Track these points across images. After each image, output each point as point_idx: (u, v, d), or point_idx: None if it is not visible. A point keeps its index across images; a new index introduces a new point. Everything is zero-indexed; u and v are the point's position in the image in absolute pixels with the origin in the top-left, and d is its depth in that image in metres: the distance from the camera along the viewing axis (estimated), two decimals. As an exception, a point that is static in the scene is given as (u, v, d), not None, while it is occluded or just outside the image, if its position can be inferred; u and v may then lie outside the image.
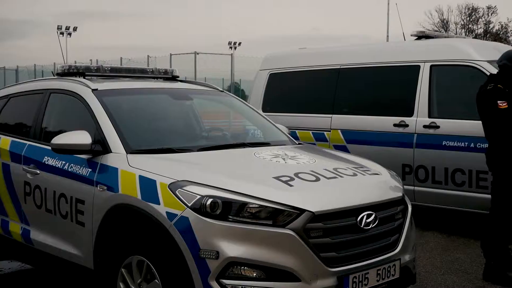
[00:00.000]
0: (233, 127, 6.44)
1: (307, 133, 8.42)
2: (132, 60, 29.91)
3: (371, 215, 3.89)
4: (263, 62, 9.61)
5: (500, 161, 5.44)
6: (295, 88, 8.99)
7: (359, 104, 8.19)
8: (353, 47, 9.06)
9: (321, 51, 9.21)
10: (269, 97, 9.18)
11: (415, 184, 7.43)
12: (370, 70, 8.14)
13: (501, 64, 5.55)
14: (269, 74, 9.27)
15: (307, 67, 8.86)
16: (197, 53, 26.89)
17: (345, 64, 8.40)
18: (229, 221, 3.56)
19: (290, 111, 8.76)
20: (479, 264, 5.85)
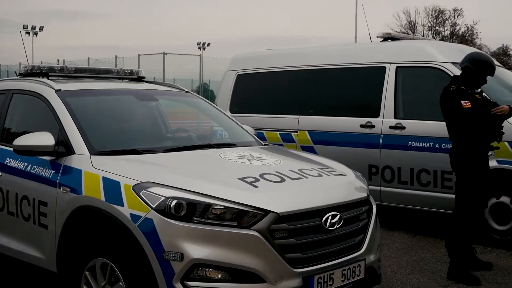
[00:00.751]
0: (199, 128, 6.41)
1: (275, 134, 8.43)
2: (99, 60, 29.59)
3: (336, 216, 3.91)
4: (230, 63, 9.59)
5: (463, 161, 5.52)
6: (263, 89, 9.00)
7: (326, 105, 8.22)
8: (320, 48, 9.10)
9: (288, 52, 9.22)
10: (237, 98, 9.17)
11: (382, 185, 7.49)
12: (336, 71, 8.19)
13: (463, 66, 5.63)
14: (236, 75, 9.26)
15: (275, 68, 8.87)
16: (165, 53, 26.75)
17: (312, 65, 8.43)
18: (194, 222, 3.54)
19: (258, 112, 8.77)
20: (444, 263, 5.91)
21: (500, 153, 6.31)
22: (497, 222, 6.66)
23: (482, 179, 5.58)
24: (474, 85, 5.59)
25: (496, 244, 6.63)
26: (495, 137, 5.62)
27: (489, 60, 5.66)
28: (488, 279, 5.56)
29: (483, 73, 5.55)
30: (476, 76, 5.55)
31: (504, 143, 6.23)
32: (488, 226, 6.69)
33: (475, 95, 5.54)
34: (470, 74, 5.56)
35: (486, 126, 5.51)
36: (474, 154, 5.53)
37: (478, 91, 5.67)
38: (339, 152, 7.65)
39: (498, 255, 6.35)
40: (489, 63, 5.59)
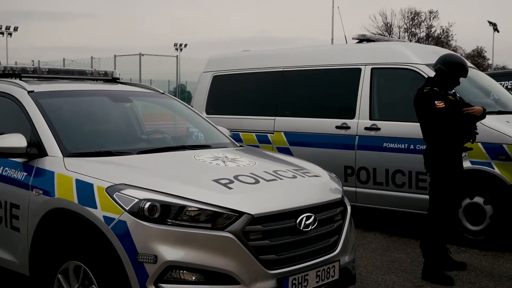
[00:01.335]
0: (175, 130, 6.38)
1: (251, 135, 8.43)
2: (75, 61, 29.36)
3: (311, 217, 3.92)
4: (206, 64, 9.58)
5: (437, 162, 5.57)
6: (239, 90, 9.00)
7: (302, 106, 8.24)
8: (296, 50, 9.13)
9: (264, 53, 9.23)
10: (213, 99, 9.15)
11: (357, 186, 7.53)
12: (312, 73, 8.22)
13: (437, 68, 5.68)
14: (212, 76, 9.24)
15: (251, 69, 8.87)
16: (142, 54, 26.62)
17: (288, 66, 8.45)
18: (168, 224, 3.53)
19: (234, 113, 8.76)
20: (419, 263, 5.96)
21: (473, 154, 6.38)
22: (471, 222, 6.73)
23: (455, 180, 5.63)
24: (447, 87, 5.64)
25: (469, 244, 6.70)
26: (469, 138, 5.67)
27: (462, 62, 5.72)
28: (461, 279, 5.61)
29: (455, 75, 5.61)
30: (449, 78, 5.60)
31: (477, 144, 6.30)
32: (462, 226, 6.76)
33: (449, 96, 5.60)
34: (443, 76, 5.62)
35: (459, 126, 5.56)
36: (447, 155, 5.58)
37: (452, 92, 5.72)
38: (315, 153, 7.68)
39: (472, 255, 6.42)
40: (461, 65, 5.64)
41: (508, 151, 6.39)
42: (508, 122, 6.74)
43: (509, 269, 5.92)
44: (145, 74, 27.83)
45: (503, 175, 6.42)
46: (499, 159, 6.46)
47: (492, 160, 6.51)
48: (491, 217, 6.56)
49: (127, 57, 28.12)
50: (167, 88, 33.01)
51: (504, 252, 6.48)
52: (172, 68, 30.45)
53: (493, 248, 6.57)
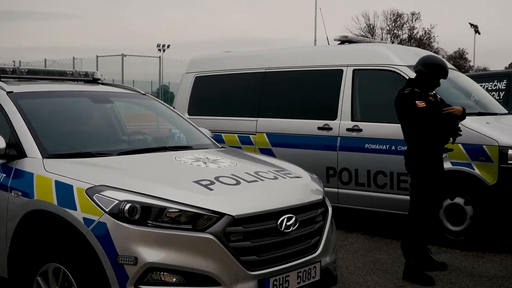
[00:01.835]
0: (157, 131, 6.37)
1: (233, 137, 8.42)
2: (57, 61, 29.14)
3: (292, 218, 3.92)
4: (188, 65, 9.56)
5: (418, 163, 5.60)
6: (221, 92, 8.99)
7: (284, 107, 8.25)
8: (278, 51, 9.14)
9: (246, 55, 9.23)
10: (195, 100, 9.13)
11: (339, 187, 7.55)
12: (294, 74, 8.23)
13: (417, 70, 5.72)
14: (194, 77, 9.22)
15: (233, 70, 8.87)
16: (124, 55, 26.49)
17: (270, 67, 8.46)
18: (148, 226, 3.52)
19: (216, 115, 8.75)
20: (400, 264, 5.98)
21: (454, 155, 6.43)
22: (452, 222, 6.77)
23: (436, 180, 5.67)
24: (428, 88, 5.68)
25: (450, 245, 6.74)
26: (449, 138, 5.71)
27: (442, 63, 5.76)
28: (442, 279, 5.65)
29: (436, 76, 5.65)
30: (429, 79, 5.64)
31: (458, 145, 6.35)
32: (443, 226, 6.80)
33: (429, 97, 5.63)
34: (423, 77, 5.65)
35: (440, 126, 5.60)
36: (428, 156, 5.61)
37: (432, 93, 5.76)
38: (297, 154, 7.69)
39: (453, 255, 6.46)
40: (441, 67, 5.68)
41: (488, 152, 6.44)
42: (488, 124, 6.80)
43: (489, 269, 5.97)
44: (127, 75, 27.71)
45: (483, 176, 6.47)
46: (479, 160, 6.51)
47: (472, 161, 6.56)
48: (471, 217, 6.60)
49: (110, 58, 27.96)
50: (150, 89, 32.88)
51: (484, 252, 6.54)
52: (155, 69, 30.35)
53: (474, 248, 6.62)
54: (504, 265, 6.10)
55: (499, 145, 6.40)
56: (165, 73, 30.87)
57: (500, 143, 6.41)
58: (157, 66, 30.07)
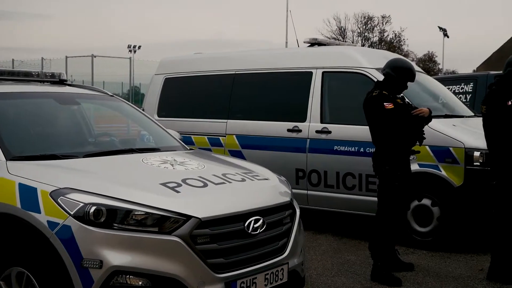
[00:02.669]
0: (125, 133, 6.32)
1: (203, 138, 8.40)
2: (25, 62, 28.71)
3: (259, 220, 3.92)
4: (158, 66, 9.52)
5: (385, 165, 5.64)
6: (191, 93, 8.97)
7: (253, 109, 8.26)
8: (248, 53, 9.15)
9: (216, 56, 9.23)
10: (165, 102, 9.09)
11: (308, 188, 7.57)
12: (264, 76, 8.24)
13: (385, 73, 5.78)
14: (164, 79, 9.18)
15: (203, 72, 8.85)
16: (94, 56, 26.20)
17: (240, 69, 8.46)
18: (114, 229, 3.49)
19: (186, 116, 8.73)
20: (368, 265, 6.02)
21: (421, 157, 6.49)
22: (419, 224, 6.84)
23: (403, 182, 5.72)
24: (395, 91, 5.73)
25: (418, 245, 6.81)
26: (416, 140, 5.78)
27: (409, 66, 5.82)
28: (409, 279, 5.70)
29: (403, 79, 5.71)
30: (397, 82, 5.70)
31: (425, 147, 6.43)
32: (411, 228, 6.87)
33: (397, 100, 5.68)
34: (391, 80, 5.71)
35: (407, 128, 5.66)
36: (395, 158, 5.67)
37: (400, 96, 5.82)
38: (267, 156, 7.70)
39: (420, 256, 6.53)
40: (409, 70, 5.75)
41: (455, 154, 6.53)
42: (454, 126, 6.89)
43: (455, 269, 6.04)
44: (98, 76, 27.40)
45: (449, 177, 6.55)
46: (446, 162, 6.60)
47: (439, 163, 6.64)
48: (438, 218, 6.68)
49: (79, 59, 27.60)
50: (121, 90, 32.61)
51: (450, 252, 6.62)
52: (126, 70, 30.05)
53: (440, 249, 6.70)
54: (470, 265, 6.18)
55: (465, 147, 6.49)
56: (136, 74, 30.62)
57: (466, 145, 6.50)
58: (128, 67, 29.82)
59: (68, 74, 26.70)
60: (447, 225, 6.64)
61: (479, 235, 7.03)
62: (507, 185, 5.55)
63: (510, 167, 5.52)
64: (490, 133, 5.67)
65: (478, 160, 6.40)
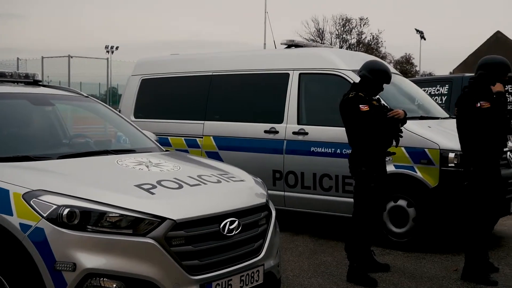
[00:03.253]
0: (104, 134, 6.27)
1: (180, 140, 8.37)
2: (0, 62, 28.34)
3: (234, 222, 3.91)
4: (135, 67, 9.46)
5: (361, 166, 5.67)
6: (168, 94, 8.93)
7: (230, 110, 8.25)
8: (225, 54, 9.13)
9: (194, 57, 9.19)
10: (141, 103, 9.05)
11: (285, 190, 7.58)
12: (241, 77, 8.24)
13: (361, 75, 5.81)
14: (141, 80, 9.13)
15: (180, 73, 8.82)
16: (71, 56, 25.97)
17: (217, 70, 8.44)
18: (88, 231, 3.46)
19: (163, 118, 8.69)
20: (344, 266, 6.04)
21: (397, 158, 6.54)
22: (395, 224, 6.88)
23: (379, 183, 5.75)
24: (371, 92, 5.77)
25: (393, 246, 6.86)
26: (392, 142, 5.81)
27: (385, 68, 5.86)
28: (385, 280, 5.73)
29: (379, 81, 5.74)
30: (373, 84, 5.73)
31: (401, 148, 6.46)
32: (387, 228, 6.91)
33: (373, 102, 5.72)
34: (367, 82, 5.74)
35: (383, 130, 5.69)
36: (371, 159, 5.69)
37: (376, 98, 5.85)
38: (244, 157, 7.70)
39: (396, 257, 6.57)
40: (384, 72, 5.78)
41: (430, 155, 6.58)
42: (430, 127, 6.95)
43: (430, 270, 6.09)
44: (74, 77, 27.15)
45: (425, 178, 6.61)
46: (421, 163, 6.65)
47: (414, 164, 6.69)
48: (414, 219, 6.73)
49: (56, 59, 27.31)
50: (98, 91, 32.38)
51: (426, 253, 6.67)
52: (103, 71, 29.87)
53: (416, 249, 6.74)
54: (445, 266, 6.24)
55: (440, 149, 6.55)
56: (114, 75, 30.42)
57: (441, 147, 6.56)
58: (105, 68, 29.63)
59: (45, 74, 26.48)
60: (422, 226, 6.69)
61: (454, 236, 7.10)
62: (478, 186, 5.62)
63: (481, 168, 5.60)
64: (462, 134, 5.75)
65: (453, 161, 6.46)
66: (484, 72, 5.67)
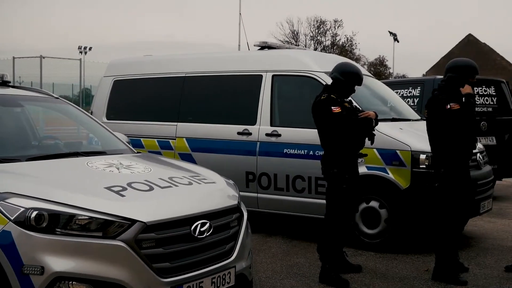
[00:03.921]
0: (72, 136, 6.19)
1: (153, 141, 8.33)
2: (-31, 63, 27.89)
3: (206, 224, 3.91)
4: (107, 68, 9.38)
5: (333, 167, 5.69)
6: (140, 96, 8.86)
7: (204, 112, 8.22)
8: (198, 55, 9.09)
9: (166, 59, 9.14)
10: (114, 105, 8.97)
11: (259, 191, 7.58)
12: (214, 79, 8.22)
13: (333, 77, 5.83)
14: (113, 81, 9.06)
15: (153, 75, 8.77)
16: (43, 57, 25.66)
17: (190, 72, 8.41)
18: (57, 234, 3.43)
19: (136, 119, 8.64)
20: (317, 267, 6.05)
21: (369, 160, 6.58)
22: (367, 226, 6.92)
23: (351, 185, 5.78)
24: (343, 94, 5.79)
25: (366, 247, 6.89)
26: (364, 143, 5.85)
27: (356, 71, 5.89)
28: (357, 281, 5.76)
29: (351, 83, 5.77)
30: (344, 86, 5.76)
31: (373, 150, 6.51)
32: (359, 230, 6.95)
33: (345, 104, 5.75)
34: (339, 84, 5.77)
35: (355, 132, 5.72)
36: (343, 161, 5.72)
37: (348, 100, 5.88)
38: (217, 159, 7.69)
39: (368, 258, 6.61)
40: (356, 74, 5.81)
41: (401, 157, 6.64)
42: (401, 129, 7.00)
43: (402, 270, 6.14)
44: (47, 78, 26.83)
45: (396, 180, 6.66)
46: (393, 164, 6.70)
47: (386, 165, 6.74)
48: (386, 220, 6.78)
49: (28, 60, 26.95)
50: (71, 92, 32.08)
51: (397, 254, 6.72)
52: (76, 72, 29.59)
53: (388, 250, 6.79)
54: (416, 266, 6.29)
55: (411, 150, 6.61)
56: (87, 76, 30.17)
57: (412, 148, 6.61)
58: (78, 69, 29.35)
59: (16, 75, 26.14)
60: (394, 227, 6.73)
61: (426, 236, 7.16)
62: (449, 187, 5.69)
63: (451, 170, 5.67)
64: (432, 136, 5.82)
65: (424, 163, 6.52)
66: (453, 75, 5.75)
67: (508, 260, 6.51)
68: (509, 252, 6.94)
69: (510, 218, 9.23)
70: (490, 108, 10.91)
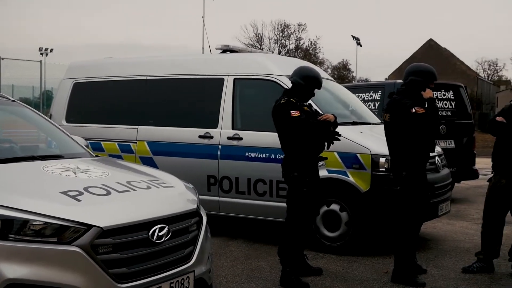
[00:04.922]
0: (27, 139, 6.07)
1: (113, 145, 8.24)
2: None
3: (164, 228, 3.87)
4: (67, 71, 9.26)
5: (294, 171, 5.71)
6: (101, 99, 8.77)
7: (165, 115, 8.17)
8: (160, 58, 9.03)
9: (128, 61, 9.06)
10: (74, 108, 8.86)
11: (220, 195, 7.56)
12: (176, 82, 8.18)
13: (293, 80, 5.86)
14: (73, 84, 8.94)
15: (113, 77, 8.68)
16: (1, 58, 25.21)
17: (152, 74, 8.35)
18: (10, 240, 3.35)
19: (96, 122, 8.54)
20: (278, 271, 6.06)
21: (330, 163, 6.62)
22: (328, 228, 6.96)
23: (312, 188, 5.81)
24: (303, 98, 5.82)
25: (327, 250, 6.93)
26: (324, 147, 5.88)
27: (316, 75, 5.92)
28: (317, 284, 5.79)
29: (310, 87, 5.81)
30: (304, 89, 5.79)
31: (333, 153, 6.56)
32: (320, 233, 6.98)
33: (304, 107, 5.77)
34: (299, 88, 5.80)
35: (314, 135, 5.75)
36: (304, 164, 5.74)
37: (307, 103, 5.91)
38: (179, 163, 7.64)
39: (329, 260, 6.64)
40: (315, 78, 5.85)
41: (362, 160, 6.70)
42: (361, 133, 7.07)
43: (362, 273, 6.19)
44: (6, 80, 26.41)
45: (357, 183, 6.71)
46: (353, 167, 6.75)
47: (347, 169, 6.79)
48: (346, 223, 6.82)
49: (-14, 61, 26.51)
50: (32, 94, 31.57)
51: (358, 256, 6.78)
52: (37, 74, 29.14)
53: (348, 253, 6.84)
54: (376, 269, 6.35)
55: (371, 154, 6.67)
56: (48, 78, 29.74)
57: (372, 152, 6.68)
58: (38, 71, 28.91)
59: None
60: (355, 230, 6.79)
61: (385, 239, 7.24)
62: (410, 190, 5.76)
63: (411, 173, 5.74)
64: (393, 140, 5.87)
65: (384, 166, 6.59)
66: (417, 78, 5.80)
67: (466, 261, 6.62)
68: (466, 253, 7.06)
69: (468, 220, 9.40)
70: (449, 112, 11.09)
